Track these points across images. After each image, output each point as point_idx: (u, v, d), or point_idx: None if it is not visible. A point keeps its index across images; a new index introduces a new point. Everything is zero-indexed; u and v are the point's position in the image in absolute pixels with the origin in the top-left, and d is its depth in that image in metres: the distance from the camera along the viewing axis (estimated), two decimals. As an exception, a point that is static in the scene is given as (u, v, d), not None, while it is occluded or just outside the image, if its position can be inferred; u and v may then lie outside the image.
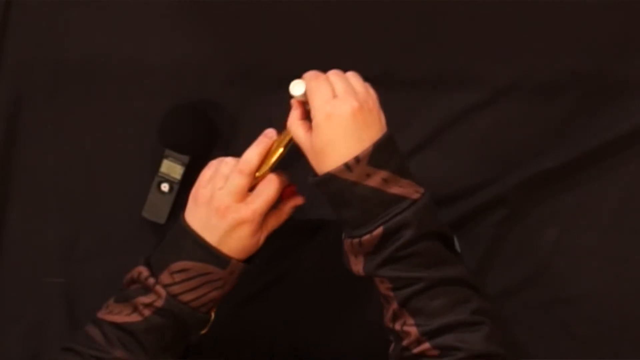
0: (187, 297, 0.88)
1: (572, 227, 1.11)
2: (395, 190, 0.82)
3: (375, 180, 0.82)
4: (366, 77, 1.08)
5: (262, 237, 0.90)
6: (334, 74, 0.87)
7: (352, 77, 0.88)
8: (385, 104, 0.86)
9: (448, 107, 1.10)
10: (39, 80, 1.13)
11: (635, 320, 1.11)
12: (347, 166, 0.82)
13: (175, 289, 0.88)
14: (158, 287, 0.88)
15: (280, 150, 0.89)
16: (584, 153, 1.08)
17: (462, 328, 0.81)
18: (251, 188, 0.89)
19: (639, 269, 1.11)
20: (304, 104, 0.87)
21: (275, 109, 0.91)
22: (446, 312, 0.81)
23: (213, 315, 0.91)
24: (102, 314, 0.90)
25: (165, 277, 0.88)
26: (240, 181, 0.88)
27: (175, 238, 0.90)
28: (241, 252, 0.89)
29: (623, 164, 1.09)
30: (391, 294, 0.83)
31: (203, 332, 0.92)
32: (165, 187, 1.12)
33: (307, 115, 0.87)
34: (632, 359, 1.11)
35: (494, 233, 1.12)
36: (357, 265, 0.85)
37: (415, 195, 0.83)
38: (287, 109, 0.89)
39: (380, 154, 0.82)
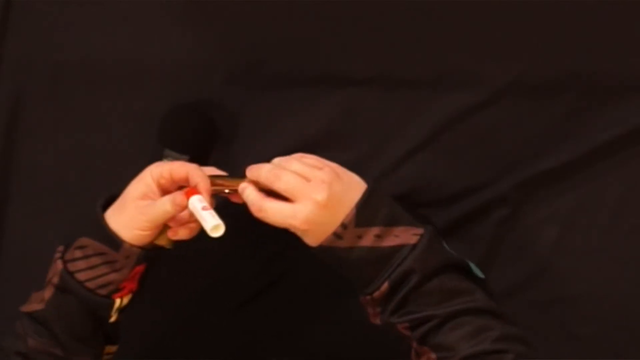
0: (82, 276, 0.87)
1: (572, 227, 1.11)
2: (390, 242, 0.83)
3: (368, 239, 0.82)
4: (366, 77, 1.08)
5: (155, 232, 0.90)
6: (285, 162, 0.86)
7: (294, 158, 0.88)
8: (385, 104, 0.86)
9: (448, 107, 1.09)
10: (39, 80, 1.13)
11: (636, 320, 1.11)
12: (336, 235, 0.82)
13: (72, 266, 0.88)
14: (58, 262, 0.88)
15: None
16: (583, 153, 1.08)
17: (486, 357, 0.81)
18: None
19: (639, 269, 1.11)
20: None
21: (275, 109, 0.91)
22: (467, 344, 0.81)
23: (119, 301, 0.89)
24: (22, 307, 0.91)
25: (69, 253, 0.89)
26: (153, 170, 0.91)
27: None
28: (136, 241, 0.88)
29: (623, 164, 1.09)
30: (409, 333, 0.84)
31: (112, 319, 0.90)
32: (165, 187, 1.12)
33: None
34: (632, 359, 1.11)
35: (494, 233, 1.12)
36: (376, 317, 0.86)
37: (414, 240, 0.83)
38: (287, 109, 0.90)
39: (365, 213, 0.83)
